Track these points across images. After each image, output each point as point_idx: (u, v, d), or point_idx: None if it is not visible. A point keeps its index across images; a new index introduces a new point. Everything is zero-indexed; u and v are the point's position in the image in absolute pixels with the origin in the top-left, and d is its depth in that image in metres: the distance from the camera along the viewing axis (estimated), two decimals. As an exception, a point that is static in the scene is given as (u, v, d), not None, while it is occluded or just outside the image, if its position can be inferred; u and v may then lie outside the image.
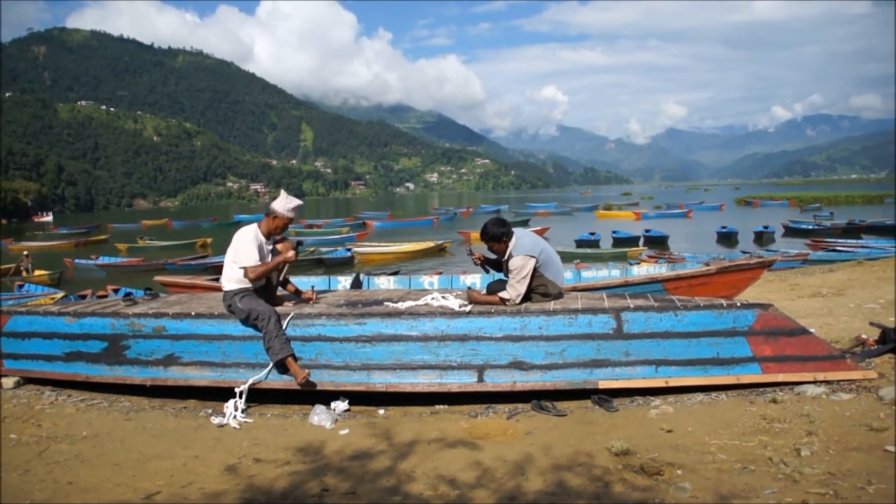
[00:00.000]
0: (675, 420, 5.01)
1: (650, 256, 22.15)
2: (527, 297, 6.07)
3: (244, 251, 5.96)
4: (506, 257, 6.18)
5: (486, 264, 6.62)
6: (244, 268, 5.93)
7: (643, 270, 10.38)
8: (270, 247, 6.20)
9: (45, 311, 6.77)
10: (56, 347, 6.49)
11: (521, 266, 5.96)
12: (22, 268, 25.20)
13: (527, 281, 5.98)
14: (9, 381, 6.65)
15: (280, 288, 6.73)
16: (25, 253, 27.49)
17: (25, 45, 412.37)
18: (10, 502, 3.97)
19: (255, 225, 6.18)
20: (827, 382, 5.46)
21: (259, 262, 5.96)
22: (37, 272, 24.97)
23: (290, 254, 6.21)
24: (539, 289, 6.10)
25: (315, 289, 6.89)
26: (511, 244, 6.12)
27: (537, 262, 6.02)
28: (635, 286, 8.63)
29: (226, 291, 6.03)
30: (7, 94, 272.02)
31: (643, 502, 3.65)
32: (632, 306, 5.68)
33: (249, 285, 6.00)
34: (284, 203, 6.15)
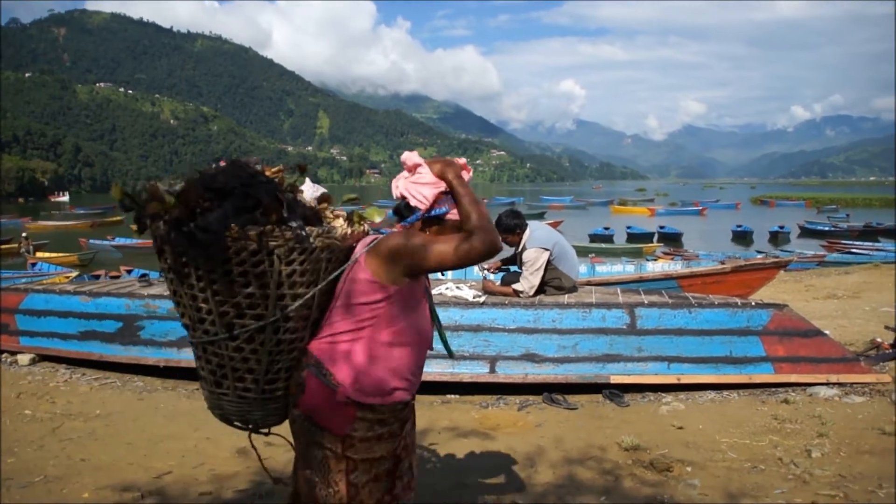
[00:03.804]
0: (685, 417, 5.00)
1: (665, 253, 22.07)
2: (541, 290, 6.06)
3: None
4: (519, 249, 6.17)
5: (504, 264, 6.62)
6: None
7: (658, 267, 10.35)
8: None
9: (60, 290, 6.82)
10: (71, 326, 6.54)
11: (534, 258, 5.95)
12: (22, 250, 24.81)
13: (540, 273, 5.97)
14: (24, 358, 6.71)
15: None
16: (25, 235, 27.16)
17: (46, 27, 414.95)
18: (25, 477, 4.01)
19: None
20: (840, 384, 5.43)
21: None
22: (62, 254, 24.69)
23: None
24: (553, 282, 6.09)
25: None
26: (525, 236, 6.10)
27: (551, 254, 6.01)
28: (650, 282, 8.61)
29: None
30: (27, 75, 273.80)
31: (653, 498, 3.66)
32: (646, 302, 5.67)
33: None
34: (311, 191, 6.17)
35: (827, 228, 34.81)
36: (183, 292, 2.06)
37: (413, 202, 2.21)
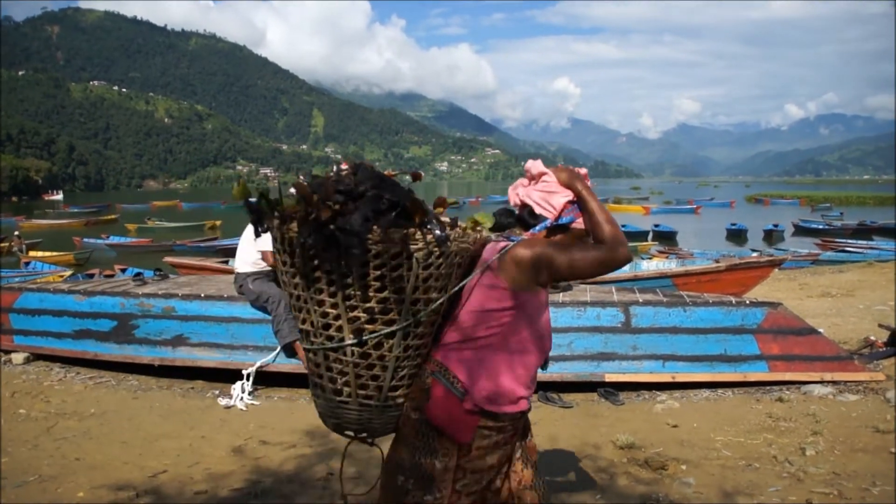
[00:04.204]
0: (680, 415, 5.01)
1: (660, 251, 22.11)
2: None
3: (267, 235, 5.96)
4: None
5: None
6: (265, 251, 5.94)
7: (652, 265, 10.37)
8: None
9: (55, 289, 6.82)
10: (66, 325, 6.53)
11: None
12: (15, 249, 24.25)
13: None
14: (18, 357, 6.69)
15: None
16: (17, 233, 26.76)
17: (39, 25, 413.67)
18: (20, 476, 4.00)
19: None
20: (834, 383, 5.45)
21: None
22: (57, 253, 24.32)
23: None
24: (548, 280, 6.08)
25: None
26: (520, 234, 6.10)
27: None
28: (644, 281, 8.63)
29: (238, 273, 6.06)
30: (20, 73, 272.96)
31: (647, 496, 3.66)
32: (640, 301, 5.68)
33: (263, 268, 6.01)
34: None
35: (821, 227, 34.84)
36: (308, 297, 2.01)
37: (538, 210, 2.19)
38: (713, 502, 3.57)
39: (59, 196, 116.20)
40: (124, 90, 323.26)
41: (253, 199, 2.08)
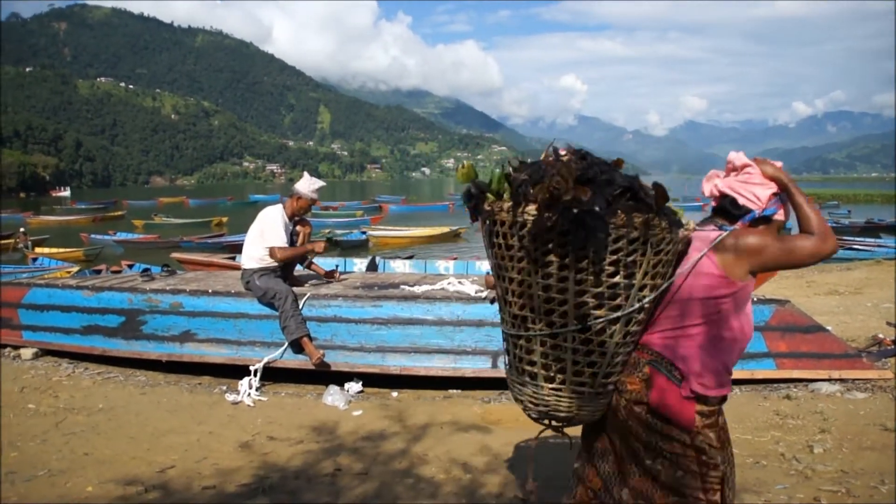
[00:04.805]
0: (687, 413, 5.00)
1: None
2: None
3: (272, 231, 5.99)
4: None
5: None
6: (272, 248, 5.95)
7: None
8: (291, 228, 6.24)
9: (63, 285, 6.84)
10: (74, 320, 6.55)
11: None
12: (20, 245, 23.94)
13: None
14: (27, 353, 6.72)
15: (301, 267, 6.77)
16: (22, 230, 26.68)
17: (46, 21, 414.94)
18: (29, 470, 4.02)
19: (280, 206, 6.22)
20: (842, 381, 5.44)
21: (285, 243, 6.00)
22: (66, 249, 24.16)
23: (319, 246, 6.39)
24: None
25: (338, 268, 6.98)
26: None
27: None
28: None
29: (245, 269, 6.07)
30: (27, 70, 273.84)
31: (654, 493, 3.66)
32: (648, 298, 5.66)
33: (269, 264, 6.02)
34: (308, 184, 6.20)
35: (829, 224, 34.69)
36: (534, 281, 1.98)
37: (742, 201, 2.22)
38: (720, 499, 3.56)
39: (67, 192, 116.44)
40: (131, 87, 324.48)
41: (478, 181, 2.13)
